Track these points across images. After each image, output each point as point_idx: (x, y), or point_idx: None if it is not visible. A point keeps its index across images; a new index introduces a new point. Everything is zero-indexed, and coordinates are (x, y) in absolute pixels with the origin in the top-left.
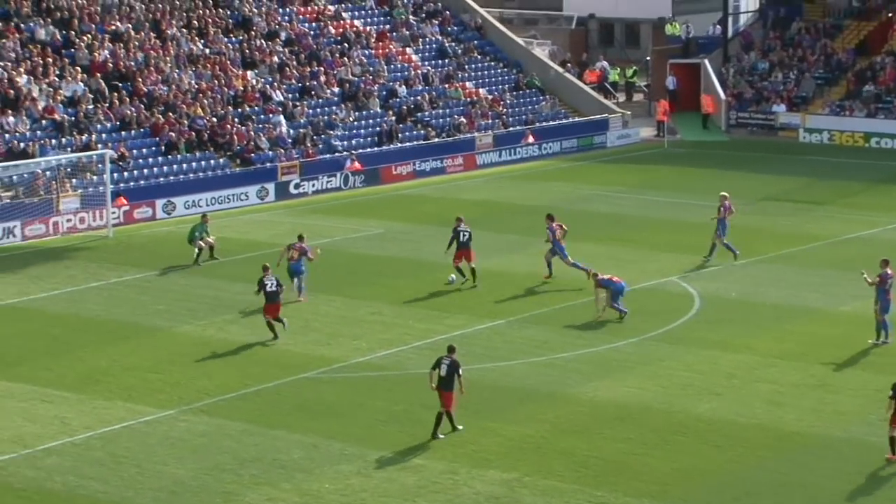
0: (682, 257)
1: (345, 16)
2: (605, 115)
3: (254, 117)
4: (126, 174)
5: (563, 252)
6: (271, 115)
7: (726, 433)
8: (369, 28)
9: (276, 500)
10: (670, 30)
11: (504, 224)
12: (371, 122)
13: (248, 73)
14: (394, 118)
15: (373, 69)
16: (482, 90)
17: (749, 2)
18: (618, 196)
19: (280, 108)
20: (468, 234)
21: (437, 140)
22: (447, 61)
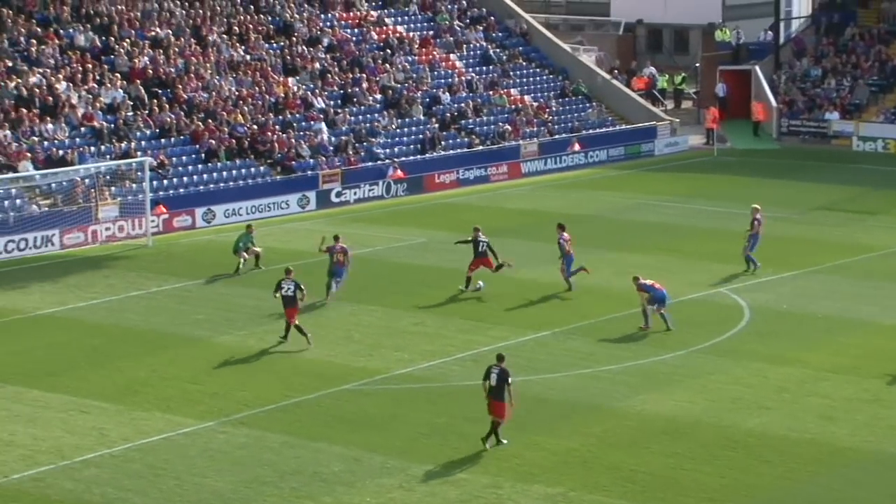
0: (732, 268)
1: (387, 21)
2: (653, 123)
3: (295, 125)
4: (165, 182)
5: (569, 265)
6: (313, 123)
7: (777, 448)
8: (412, 34)
9: None
10: (720, 35)
11: (549, 234)
12: (414, 129)
13: (290, 79)
14: (437, 126)
15: (416, 76)
16: (527, 97)
17: (801, 7)
18: (666, 205)
19: (321, 116)
20: (486, 244)
21: (481, 148)
22: (492, 68)
